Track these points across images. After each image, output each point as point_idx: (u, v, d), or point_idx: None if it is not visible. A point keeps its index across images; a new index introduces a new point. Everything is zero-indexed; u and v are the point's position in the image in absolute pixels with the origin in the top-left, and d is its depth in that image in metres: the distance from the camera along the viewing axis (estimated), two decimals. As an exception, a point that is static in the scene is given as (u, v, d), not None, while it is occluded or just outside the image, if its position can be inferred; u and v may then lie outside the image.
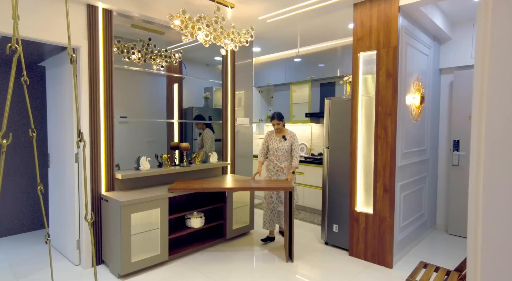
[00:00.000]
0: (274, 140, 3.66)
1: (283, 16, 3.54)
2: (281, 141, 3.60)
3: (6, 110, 1.18)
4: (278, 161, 3.61)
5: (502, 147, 0.62)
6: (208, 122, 3.94)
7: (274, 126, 3.63)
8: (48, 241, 1.56)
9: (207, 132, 3.96)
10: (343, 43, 4.67)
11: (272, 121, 3.64)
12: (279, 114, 3.60)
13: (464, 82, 3.85)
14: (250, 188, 3.19)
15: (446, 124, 4.15)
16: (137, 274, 2.86)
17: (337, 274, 2.90)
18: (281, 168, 3.61)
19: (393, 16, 2.95)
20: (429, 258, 3.26)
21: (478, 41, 0.65)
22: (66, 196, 3.16)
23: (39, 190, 1.49)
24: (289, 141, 3.61)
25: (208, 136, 3.96)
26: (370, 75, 3.16)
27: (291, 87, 5.49)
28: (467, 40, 3.91)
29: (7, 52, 1.23)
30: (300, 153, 3.53)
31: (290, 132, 3.66)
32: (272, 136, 3.69)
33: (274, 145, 3.64)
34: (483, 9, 0.64)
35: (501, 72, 0.62)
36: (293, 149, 3.59)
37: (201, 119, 3.93)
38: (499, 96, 0.62)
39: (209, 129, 3.98)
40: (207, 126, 3.96)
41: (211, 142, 4.00)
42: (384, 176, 3.05)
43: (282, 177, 3.62)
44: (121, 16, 3.15)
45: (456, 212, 3.95)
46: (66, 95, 3.11)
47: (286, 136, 3.62)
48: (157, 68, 3.50)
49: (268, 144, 3.69)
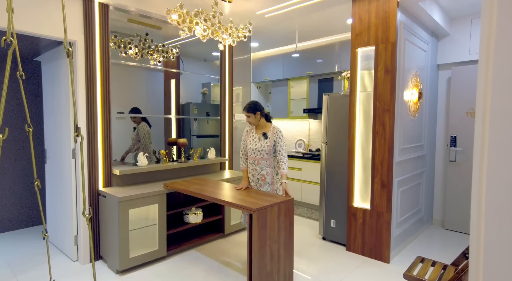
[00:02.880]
0: (252, 138, 2.88)
1: (281, 11, 3.52)
2: (260, 140, 2.81)
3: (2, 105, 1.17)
4: (258, 166, 2.82)
5: (506, 142, 0.62)
6: (143, 115, 3.46)
7: (247, 120, 2.87)
8: (46, 237, 1.55)
9: (142, 126, 3.46)
10: (341, 39, 4.66)
11: (243, 111, 2.88)
12: (251, 105, 2.79)
13: (461, 78, 3.86)
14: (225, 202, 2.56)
15: (443, 120, 4.16)
16: (135, 270, 2.86)
17: (334, 269, 2.92)
18: (262, 176, 2.81)
19: (391, 11, 2.94)
20: (426, 253, 3.29)
21: (482, 36, 0.65)
22: (63, 191, 3.14)
23: (36, 185, 1.47)
24: (271, 140, 2.77)
25: (144, 130, 3.48)
26: (368, 71, 3.16)
27: (289, 83, 5.47)
28: (465, 36, 3.91)
29: (2, 46, 1.21)
30: (286, 156, 2.78)
31: (273, 129, 2.82)
32: (251, 134, 2.91)
33: (251, 145, 2.85)
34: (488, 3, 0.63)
35: (505, 67, 0.61)
36: (278, 150, 2.77)
37: (138, 112, 3.43)
38: (503, 92, 0.62)
39: (145, 123, 3.48)
40: (143, 120, 3.47)
41: (148, 136, 3.51)
42: (381, 172, 3.06)
43: (265, 188, 2.82)
44: (117, 10, 3.12)
45: (453, 207, 3.98)
46: (62, 90, 3.08)
47: (268, 134, 2.80)
48: (154, 63, 3.47)
49: (246, 142, 2.94)
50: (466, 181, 3.87)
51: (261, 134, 2.83)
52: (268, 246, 2.35)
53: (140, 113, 3.45)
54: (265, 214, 2.30)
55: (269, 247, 2.36)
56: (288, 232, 2.53)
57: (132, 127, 3.38)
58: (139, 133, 3.43)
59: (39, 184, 1.49)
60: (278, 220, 2.43)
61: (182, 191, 2.89)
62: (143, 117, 3.48)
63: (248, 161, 2.91)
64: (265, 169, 2.80)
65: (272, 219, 2.37)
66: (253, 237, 2.24)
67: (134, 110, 3.41)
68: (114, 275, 2.76)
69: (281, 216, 2.45)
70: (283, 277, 2.50)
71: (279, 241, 2.44)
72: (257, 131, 2.88)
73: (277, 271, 2.44)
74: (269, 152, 2.77)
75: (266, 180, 2.81)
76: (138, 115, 3.41)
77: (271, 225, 2.36)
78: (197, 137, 4.04)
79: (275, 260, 2.41)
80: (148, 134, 3.51)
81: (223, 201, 2.50)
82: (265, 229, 2.31)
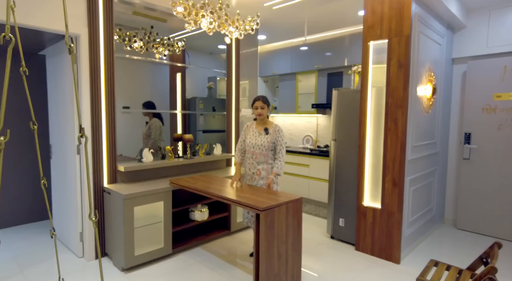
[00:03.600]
0: (252, 133, 2.88)
1: (290, 2, 3.40)
2: (261, 134, 2.81)
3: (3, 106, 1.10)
4: (255, 160, 2.83)
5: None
6: (157, 111, 3.44)
7: (256, 111, 2.81)
8: (54, 236, 1.51)
9: (154, 121, 3.45)
10: (352, 32, 4.50)
11: (255, 103, 2.82)
12: (265, 97, 2.84)
13: (478, 73, 3.70)
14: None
15: (457, 117, 4.02)
16: (141, 267, 2.83)
17: (344, 269, 2.85)
18: (258, 170, 2.83)
19: (406, 2, 2.80)
20: (437, 254, 3.19)
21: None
22: (68, 188, 3.12)
23: (42, 184, 1.42)
24: (272, 136, 2.78)
25: (157, 125, 3.46)
26: (380, 65, 3.03)
27: (297, 77, 5.35)
28: (482, 28, 3.74)
29: (1, 42, 1.14)
30: (284, 156, 2.79)
31: (275, 126, 2.82)
32: (251, 129, 2.91)
33: (251, 139, 2.85)
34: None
35: None
36: (277, 148, 2.79)
37: (151, 107, 3.42)
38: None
39: (157, 119, 3.47)
40: (154, 116, 3.45)
41: (159, 131, 3.48)
42: (393, 170, 2.96)
43: (259, 183, 2.84)
44: (122, 3, 3.03)
45: (466, 207, 3.86)
46: (66, 84, 3.03)
47: (269, 129, 2.81)
48: (160, 57, 3.40)
49: (245, 137, 2.94)
50: (480, 180, 3.74)
51: (262, 129, 2.83)
52: (276, 246, 2.28)
53: (154, 107, 3.42)
54: (272, 214, 2.23)
55: (277, 248, 2.29)
56: (296, 233, 2.45)
57: (139, 122, 3.32)
58: (151, 128, 3.40)
59: (45, 182, 1.44)
60: (286, 220, 2.35)
61: (188, 188, 2.83)
62: (157, 113, 3.45)
63: (246, 155, 2.91)
64: (262, 164, 2.82)
65: (280, 219, 2.30)
66: (260, 238, 2.18)
67: (147, 104, 3.37)
68: (120, 273, 2.74)
69: (289, 216, 2.38)
70: (291, 278, 2.44)
71: (287, 241, 2.38)
72: (257, 127, 2.88)
73: (285, 272, 2.38)
74: (268, 147, 2.78)
75: (261, 175, 2.83)
76: (150, 111, 3.36)
77: (278, 225, 2.29)
78: (203, 132, 3.98)
79: (283, 261, 2.35)
80: (159, 129, 3.49)
81: (229, 200, 2.44)
82: (272, 229, 2.24)
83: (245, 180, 3.02)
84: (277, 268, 2.31)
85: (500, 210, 3.62)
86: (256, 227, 2.23)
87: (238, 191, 2.64)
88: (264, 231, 2.18)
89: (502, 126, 3.57)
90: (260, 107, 2.79)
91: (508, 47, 3.56)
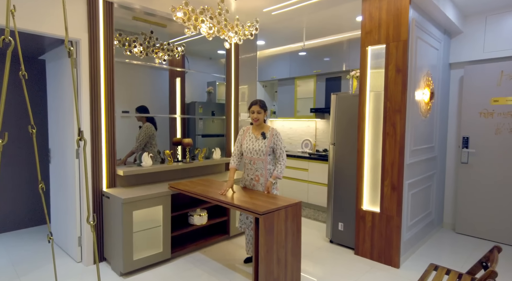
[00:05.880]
0: (249, 138, 2.81)
1: (288, 8, 3.44)
2: (258, 139, 2.74)
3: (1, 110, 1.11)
4: (253, 165, 2.77)
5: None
6: (150, 115, 3.36)
7: (253, 115, 2.74)
8: (51, 240, 1.50)
9: (146, 126, 3.34)
10: (350, 37, 4.55)
11: (252, 107, 2.74)
12: (262, 101, 2.76)
13: (475, 77, 3.73)
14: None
15: (455, 121, 4.04)
16: (139, 272, 2.81)
17: (343, 273, 2.84)
18: (256, 176, 2.77)
19: (403, 8, 2.84)
20: (436, 258, 3.19)
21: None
22: (67, 192, 3.11)
23: (40, 188, 1.43)
24: (270, 140, 2.71)
25: (147, 130, 3.34)
26: (378, 70, 3.06)
27: (296, 81, 5.38)
28: (479, 34, 3.78)
29: (0, 46, 1.15)
30: (285, 159, 2.74)
31: (272, 130, 2.75)
32: (248, 134, 2.84)
33: (248, 145, 2.78)
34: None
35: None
36: (277, 152, 2.73)
37: (145, 112, 3.33)
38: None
39: (150, 124, 3.37)
40: (148, 120, 3.35)
41: (148, 136, 3.36)
42: (392, 174, 2.96)
43: (258, 189, 2.78)
44: (122, 8, 3.06)
45: (464, 211, 3.87)
46: (66, 89, 3.04)
47: (266, 134, 2.74)
48: (159, 62, 3.42)
49: (241, 142, 2.86)
50: (478, 184, 3.75)
51: (259, 134, 2.76)
52: (275, 251, 2.28)
53: (147, 111, 3.37)
54: (271, 218, 2.23)
55: (276, 252, 2.29)
56: (295, 237, 2.45)
57: (138, 126, 3.32)
58: (140, 133, 3.32)
59: (43, 186, 1.44)
60: (286, 224, 2.35)
61: (187, 192, 2.83)
62: (151, 118, 3.39)
63: (244, 160, 2.86)
64: (260, 169, 2.75)
65: (279, 224, 2.30)
66: (259, 242, 2.17)
67: (140, 109, 3.32)
68: (118, 278, 2.72)
69: (289, 220, 2.38)
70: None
71: (286, 245, 2.37)
72: (254, 132, 2.81)
73: (284, 277, 2.37)
74: (266, 152, 2.71)
75: (260, 180, 2.77)
76: (144, 115, 3.35)
77: (278, 230, 2.29)
78: (202, 136, 3.98)
79: (282, 266, 2.34)
80: (148, 136, 3.37)
81: (228, 204, 2.44)
82: (271, 234, 2.24)
83: (242, 184, 2.97)
84: (277, 273, 2.30)
85: (499, 214, 3.63)
86: (256, 231, 2.22)
87: (237, 195, 2.64)
88: (263, 235, 2.18)
89: (499, 130, 3.60)
90: (257, 112, 2.72)
91: (505, 52, 3.60)
